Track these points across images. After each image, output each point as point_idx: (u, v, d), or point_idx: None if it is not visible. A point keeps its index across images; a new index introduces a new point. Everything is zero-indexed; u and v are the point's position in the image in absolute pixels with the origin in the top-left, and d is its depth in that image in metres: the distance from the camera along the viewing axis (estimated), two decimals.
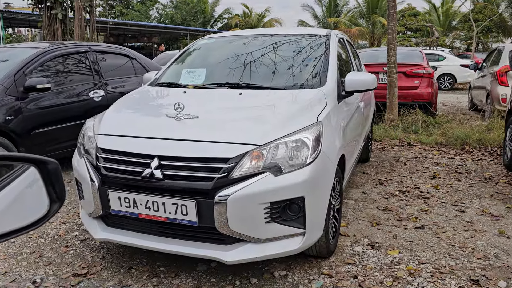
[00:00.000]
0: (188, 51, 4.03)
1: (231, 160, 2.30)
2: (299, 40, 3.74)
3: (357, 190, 4.30)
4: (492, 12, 28.14)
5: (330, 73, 3.18)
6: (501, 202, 3.94)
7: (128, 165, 2.45)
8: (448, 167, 5.15)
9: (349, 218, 3.56)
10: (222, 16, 40.08)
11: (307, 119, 2.57)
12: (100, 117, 2.96)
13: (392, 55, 7.41)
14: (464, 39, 33.90)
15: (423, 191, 4.27)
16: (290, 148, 2.38)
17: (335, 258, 2.87)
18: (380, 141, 6.63)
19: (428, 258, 2.88)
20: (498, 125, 6.76)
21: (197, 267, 2.77)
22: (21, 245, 3.16)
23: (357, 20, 33.27)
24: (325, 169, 2.51)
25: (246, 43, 3.78)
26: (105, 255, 2.97)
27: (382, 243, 3.10)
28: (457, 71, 16.04)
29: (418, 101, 7.83)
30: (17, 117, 4.32)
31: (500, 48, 8.73)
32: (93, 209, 2.57)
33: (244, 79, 3.28)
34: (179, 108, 2.65)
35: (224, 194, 2.23)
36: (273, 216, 2.31)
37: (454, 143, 6.25)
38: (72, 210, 3.85)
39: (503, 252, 2.95)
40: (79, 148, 2.83)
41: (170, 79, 3.58)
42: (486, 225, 3.43)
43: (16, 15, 20.88)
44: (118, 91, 5.39)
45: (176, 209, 2.32)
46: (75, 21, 9.83)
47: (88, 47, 5.44)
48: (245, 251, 2.34)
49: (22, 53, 4.83)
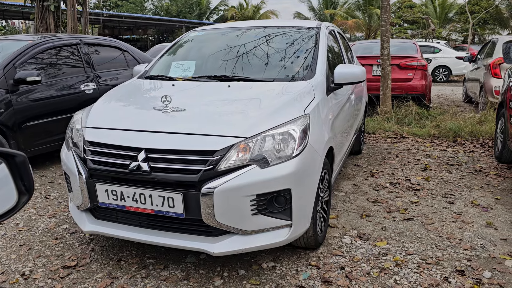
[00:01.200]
0: (178, 44, 4.01)
1: (218, 152, 2.30)
2: (290, 32, 3.73)
3: (348, 182, 4.32)
4: (489, 4, 28.10)
5: (319, 66, 3.18)
6: (491, 193, 3.97)
7: (115, 158, 2.45)
8: (440, 159, 5.17)
9: (339, 210, 3.58)
10: (218, 8, 39.93)
11: (294, 111, 2.58)
12: (88, 110, 2.95)
13: (385, 47, 7.40)
14: (460, 31, 33.85)
15: (413, 183, 4.29)
16: (277, 140, 2.39)
17: (323, 249, 2.89)
18: (373, 133, 6.65)
19: (415, 249, 2.90)
20: (490, 117, 6.79)
21: (186, 259, 2.78)
22: (11, 237, 3.16)
23: (354, 12, 33.20)
24: (312, 162, 2.52)
25: (237, 35, 3.77)
26: (95, 248, 2.98)
27: (370, 235, 3.12)
28: (453, 63, 16.05)
29: (412, 94, 7.85)
30: (8, 110, 4.31)
31: (494, 40, 8.74)
32: (81, 201, 2.58)
33: (233, 72, 3.28)
34: (167, 101, 2.64)
35: (210, 187, 2.24)
36: (260, 208, 2.32)
37: (447, 135, 6.28)
38: (64, 203, 3.85)
39: (489, 243, 2.98)
40: (67, 141, 2.83)
41: (160, 72, 3.57)
42: (474, 216, 3.46)
43: (9, 7, 20.71)
44: (110, 84, 5.37)
45: (163, 202, 2.33)
46: (68, 13, 9.76)
47: (80, 40, 5.41)
48: (232, 242, 2.36)
49: (13, 46, 4.80)
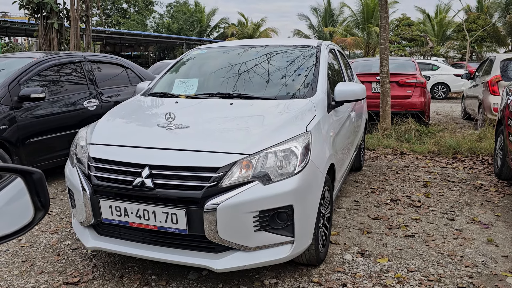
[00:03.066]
0: (181, 61, 4.08)
1: (221, 169, 2.33)
2: (290, 51, 3.80)
3: (349, 199, 4.33)
4: (486, 22, 28.49)
5: (320, 84, 3.24)
6: (491, 210, 3.99)
7: (119, 174, 2.48)
8: (440, 176, 5.20)
9: (340, 227, 3.60)
10: (218, 26, 40.43)
11: (296, 128, 2.62)
12: (92, 127, 2.99)
13: (384, 65, 7.49)
14: (458, 48, 34.23)
15: (414, 199, 4.31)
16: (279, 157, 2.43)
17: (325, 266, 2.90)
18: (373, 150, 6.69)
19: (417, 266, 2.91)
20: (489, 134, 6.83)
21: (188, 275, 2.79)
22: (13, 254, 3.17)
23: (353, 29, 33.61)
24: (314, 178, 2.55)
25: (238, 53, 3.84)
26: (97, 264, 2.98)
27: (372, 251, 3.13)
28: (451, 80, 16.19)
29: (411, 110, 7.91)
30: (11, 127, 4.35)
31: (491, 58, 8.85)
32: (84, 217, 2.59)
33: (235, 89, 3.33)
34: (170, 118, 2.69)
35: (213, 203, 2.27)
36: (262, 224, 2.34)
37: (446, 152, 6.31)
38: (66, 219, 3.86)
39: (491, 260, 2.99)
40: (71, 157, 2.87)
41: (163, 89, 3.63)
42: (475, 233, 3.47)
43: (13, 24, 21.00)
44: (112, 100, 5.43)
45: (167, 218, 2.35)
46: (71, 30, 9.90)
47: (83, 57, 5.49)
48: (234, 259, 2.37)
49: (17, 63, 4.87)
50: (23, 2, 9.70)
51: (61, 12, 10.09)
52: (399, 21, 34.82)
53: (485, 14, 30.39)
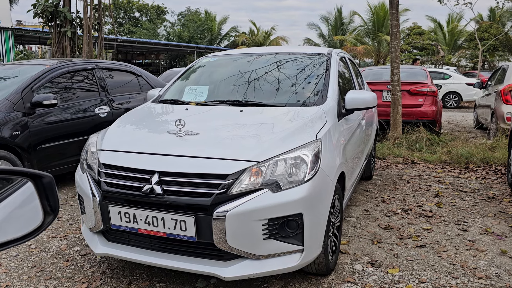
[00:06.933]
0: (191, 69, 4.10)
1: (230, 176, 2.32)
2: (301, 58, 3.80)
3: (359, 208, 4.29)
4: (498, 31, 28.28)
5: (330, 91, 3.22)
6: (505, 221, 3.92)
7: (129, 181, 2.48)
8: (452, 186, 5.13)
9: (350, 236, 3.55)
10: (229, 34, 40.67)
11: (306, 136, 2.60)
12: (103, 133, 3.01)
13: (395, 73, 7.46)
14: (470, 57, 33.97)
15: (425, 209, 4.25)
16: (289, 165, 2.41)
17: (334, 276, 2.86)
18: (384, 158, 6.63)
19: (428, 277, 2.86)
20: (502, 144, 6.74)
21: (197, 283, 2.77)
22: (22, 259, 3.18)
23: (363, 38, 33.57)
24: (324, 186, 2.53)
25: (249, 61, 3.85)
26: (105, 270, 2.98)
27: (382, 262, 3.08)
28: (463, 89, 16.06)
29: (422, 119, 7.84)
30: (23, 133, 4.40)
31: (504, 67, 8.77)
32: (94, 223, 2.60)
33: (245, 97, 3.33)
34: (180, 124, 2.69)
35: (222, 210, 2.26)
36: (271, 232, 2.32)
37: (458, 161, 6.23)
38: (75, 224, 3.88)
39: (505, 272, 2.92)
40: (82, 163, 2.88)
41: (173, 96, 3.65)
42: (488, 244, 3.40)
43: (27, 32, 21.37)
44: (123, 108, 5.47)
45: (175, 225, 2.34)
46: (84, 38, 10.03)
47: (95, 64, 5.54)
48: (243, 267, 2.35)
49: (31, 70, 4.94)
50: (37, 11, 9.86)
51: (75, 21, 10.23)
52: (410, 29, 34.69)
53: (497, 23, 30.18)
